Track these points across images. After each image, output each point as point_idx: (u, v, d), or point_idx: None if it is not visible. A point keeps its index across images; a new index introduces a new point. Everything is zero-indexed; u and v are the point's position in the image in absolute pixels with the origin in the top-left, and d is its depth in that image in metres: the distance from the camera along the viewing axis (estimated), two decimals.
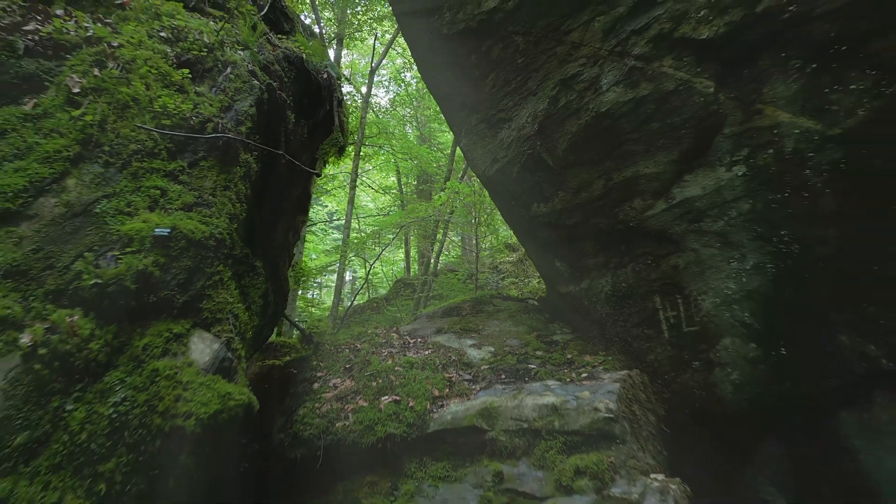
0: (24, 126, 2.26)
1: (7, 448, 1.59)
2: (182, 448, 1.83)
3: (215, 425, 1.89)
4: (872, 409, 2.64)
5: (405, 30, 5.23)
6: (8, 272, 1.87)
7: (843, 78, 2.56)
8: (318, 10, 12.98)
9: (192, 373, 1.95)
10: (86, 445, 1.70)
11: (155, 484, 1.78)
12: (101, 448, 1.72)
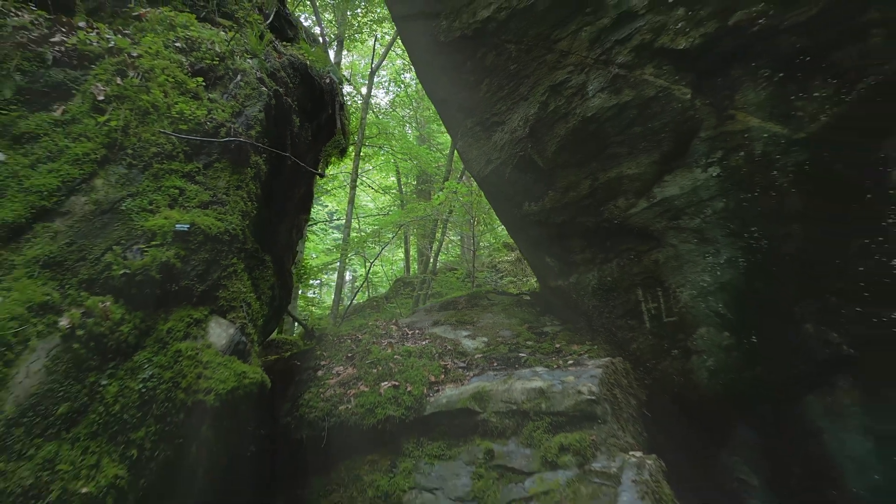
0: (54, 131, 2.48)
1: (51, 416, 1.81)
2: (203, 420, 2.05)
3: (232, 400, 2.11)
4: (835, 392, 2.85)
5: (403, 34, 5.44)
6: (46, 263, 2.09)
7: (808, 86, 2.78)
8: (319, 11, 13.19)
9: (210, 354, 2.16)
10: (119, 416, 1.92)
11: (180, 452, 2.00)
12: (133, 418, 1.93)
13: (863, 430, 2.77)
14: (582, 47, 3.52)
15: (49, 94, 2.61)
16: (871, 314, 2.70)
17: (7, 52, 2.60)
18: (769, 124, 2.89)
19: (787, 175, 2.84)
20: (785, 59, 2.81)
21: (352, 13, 14.02)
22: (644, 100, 3.26)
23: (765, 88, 2.89)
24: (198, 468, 2.07)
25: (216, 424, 2.08)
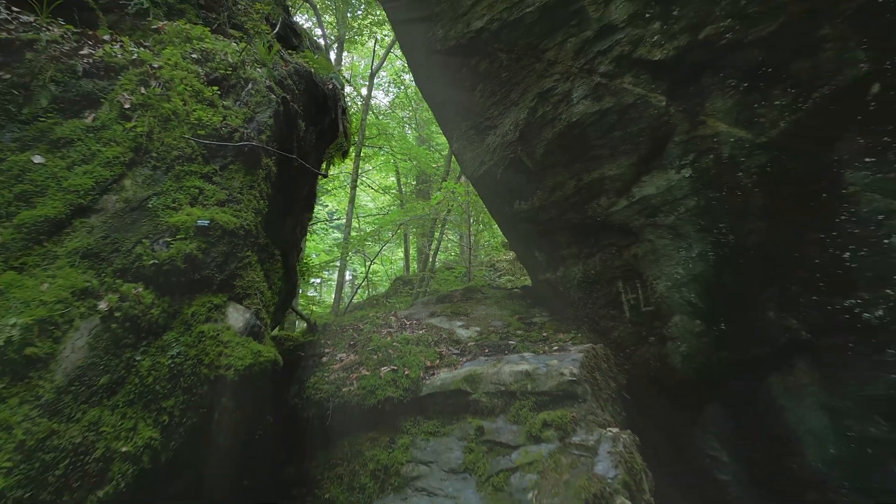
0: (87, 136, 2.75)
1: (94, 386, 2.08)
2: (224, 392, 2.32)
3: (249, 375, 2.38)
4: (795, 373, 3.13)
5: (402, 41, 5.72)
6: (85, 254, 2.36)
7: (769, 95, 3.05)
8: (320, 13, 13.47)
9: (230, 334, 2.44)
10: (152, 387, 2.19)
11: (204, 419, 2.27)
12: (163, 389, 2.21)
13: (819, 407, 3.04)
14: (567, 57, 3.80)
15: (80, 103, 2.88)
16: (825, 302, 2.97)
17: (42, 65, 2.88)
18: (735, 129, 3.16)
19: (751, 176, 3.12)
20: (749, 70, 3.09)
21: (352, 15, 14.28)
22: (623, 106, 3.54)
23: (731, 97, 3.17)
24: (220, 435, 2.35)
25: (236, 396, 2.35)
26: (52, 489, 1.84)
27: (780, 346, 3.14)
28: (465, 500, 2.87)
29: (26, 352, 1.97)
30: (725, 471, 3.44)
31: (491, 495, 2.84)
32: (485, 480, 2.91)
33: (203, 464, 2.33)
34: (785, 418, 3.16)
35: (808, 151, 2.97)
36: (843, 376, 2.95)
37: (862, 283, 2.85)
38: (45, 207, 2.41)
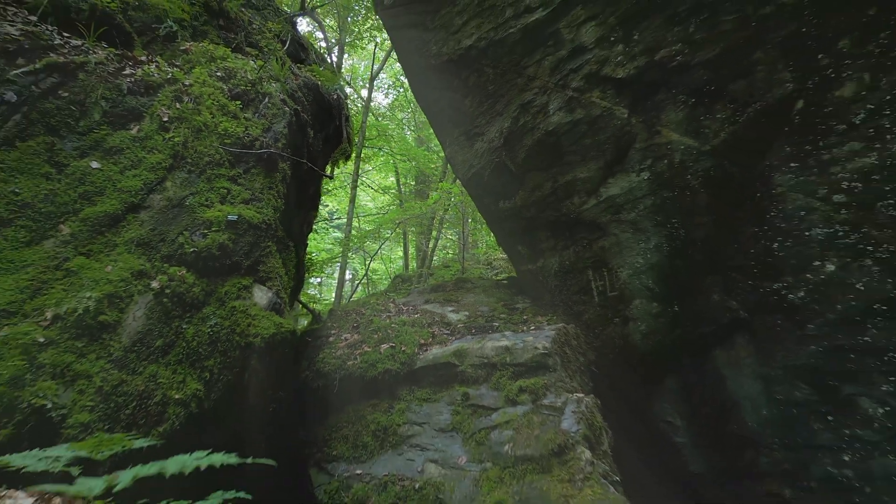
0: (133, 145, 3.26)
1: (152, 347, 2.60)
2: (252, 356, 2.84)
3: (273, 342, 2.90)
4: (735, 347, 3.65)
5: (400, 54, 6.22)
6: (138, 242, 2.88)
7: (712, 109, 3.58)
8: (321, 16, 13.96)
9: (256, 310, 2.95)
10: (196, 349, 2.71)
11: (237, 377, 2.79)
12: (205, 352, 2.72)
13: (755, 376, 3.56)
14: (545, 73, 4.32)
15: (126, 117, 3.39)
16: (758, 286, 3.50)
17: (93, 84, 3.39)
18: (685, 138, 3.68)
19: (698, 178, 3.64)
20: (696, 88, 3.62)
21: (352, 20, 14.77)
22: (592, 117, 4.06)
23: (681, 110, 3.69)
24: (250, 393, 2.86)
25: (262, 359, 2.86)
26: (123, 424, 2.36)
27: (722, 324, 3.67)
28: (452, 453, 3.39)
29: (99, 318, 2.49)
30: (679, 434, 3.96)
31: (474, 448, 3.36)
32: (469, 437, 3.43)
33: (238, 419, 2.84)
34: (727, 387, 3.69)
35: (744, 158, 3.49)
36: (773, 349, 3.47)
37: (787, 270, 3.37)
38: (104, 205, 2.92)
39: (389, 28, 6.16)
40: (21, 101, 3.05)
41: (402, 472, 3.36)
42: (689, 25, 3.59)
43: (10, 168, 2.84)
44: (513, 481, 3.10)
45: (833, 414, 3.24)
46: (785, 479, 3.42)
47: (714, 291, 3.67)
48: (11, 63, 3.18)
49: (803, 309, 3.31)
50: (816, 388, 3.30)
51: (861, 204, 3.13)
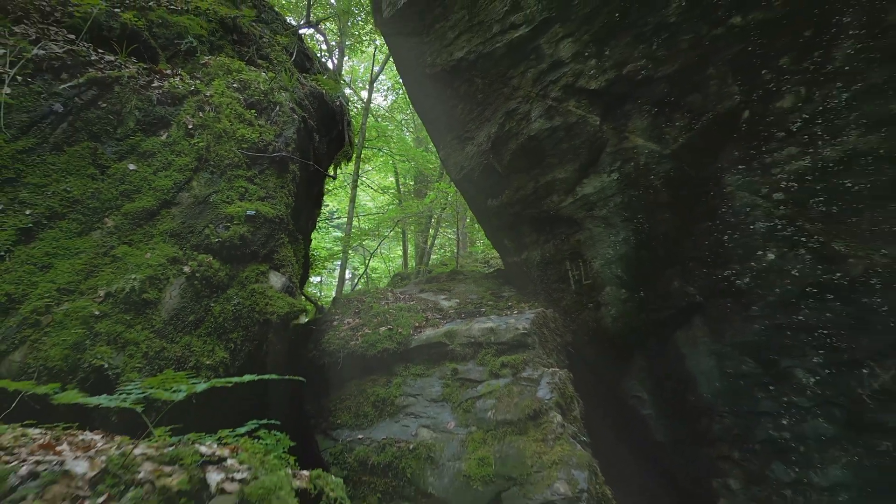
0: (163, 149, 3.73)
1: (186, 321, 3.07)
2: (269, 330, 3.31)
3: (287, 319, 3.37)
4: (692, 328, 4.12)
5: (398, 64, 6.69)
6: (171, 234, 3.35)
7: (672, 118, 4.05)
8: (321, 18, 14.44)
9: (272, 292, 3.43)
10: (222, 324, 3.18)
11: (257, 349, 3.26)
12: (230, 326, 3.20)
13: (709, 353, 4.04)
14: (528, 84, 4.80)
15: (156, 124, 3.86)
16: (711, 273, 3.97)
17: (127, 96, 3.86)
18: (649, 143, 4.16)
19: (660, 179, 4.12)
20: (658, 99, 4.09)
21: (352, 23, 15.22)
22: (569, 124, 4.53)
23: (646, 118, 4.17)
24: (268, 363, 3.33)
25: (278, 334, 3.33)
26: None
27: (681, 308, 4.14)
28: (442, 419, 3.87)
29: (143, 296, 2.97)
30: (646, 407, 4.44)
31: (461, 415, 3.83)
32: (457, 406, 3.91)
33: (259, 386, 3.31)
34: (686, 363, 4.16)
35: (699, 161, 3.97)
36: (723, 329, 3.95)
37: (735, 259, 3.85)
38: (142, 201, 3.39)
39: (388, 39, 6.64)
40: (67, 112, 3.53)
41: (398, 436, 3.84)
42: (652, 43, 4.06)
43: (61, 170, 3.31)
44: (494, 441, 3.58)
45: (773, 384, 3.72)
46: (734, 442, 3.90)
47: (674, 279, 4.15)
48: (57, 78, 3.66)
49: (748, 293, 3.79)
50: (760, 362, 3.78)
51: (796, 201, 3.61)
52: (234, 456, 1.77)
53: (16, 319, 2.72)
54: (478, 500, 3.34)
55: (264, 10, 6.06)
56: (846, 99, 3.45)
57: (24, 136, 3.30)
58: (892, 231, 3.26)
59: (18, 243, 2.96)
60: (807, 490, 3.54)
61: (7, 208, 3.04)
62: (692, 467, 4.19)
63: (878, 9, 3.39)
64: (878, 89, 3.37)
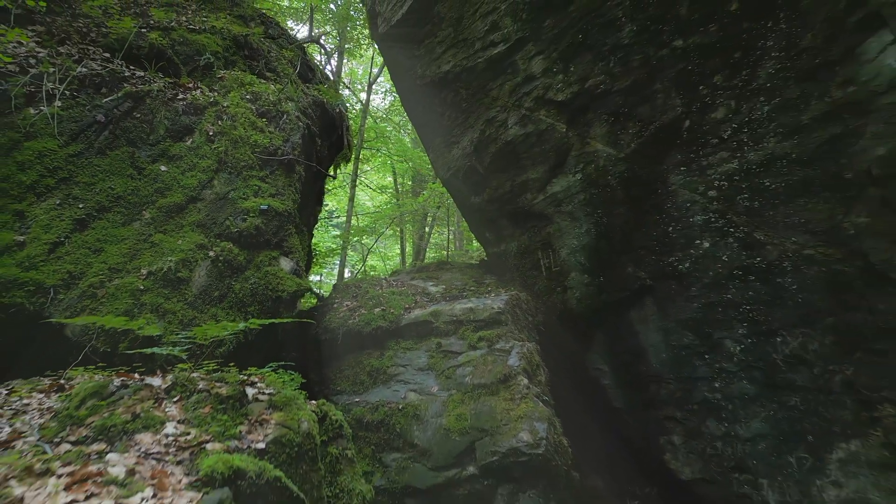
0: (189, 153, 4.37)
1: (212, 297, 3.71)
2: (280, 305, 3.95)
3: (295, 296, 4.01)
4: (644, 308, 4.77)
5: (393, 75, 7.33)
6: (197, 224, 3.99)
7: (625, 126, 4.70)
8: (321, 24, 15.04)
9: (283, 273, 4.07)
10: (241, 299, 3.82)
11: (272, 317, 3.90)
12: (248, 301, 3.83)
13: (657, 329, 4.69)
14: (505, 95, 5.44)
15: (182, 132, 4.50)
16: (659, 260, 4.62)
17: (157, 107, 4.50)
18: (607, 148, 4.81)
19: (616, 178, 4.76)
20: (614, 109, 4.74)
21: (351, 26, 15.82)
22: (540, 131, 5.18)
23: (604, 126, 4.81)
24: (278, 333, 3.97)
25: (287, 308, 3.97)
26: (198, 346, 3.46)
27: (635, 290, 4.79)
28: (427, 385, 4.51)
29: (178, 275, 3.61)
30: (606, 378, 5.08)
31: (443, 381, 4.48)
32: (440, 373, 4.55)
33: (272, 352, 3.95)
34: (639, 338, 4.81)
35: (648, 163, 4.62)
36: (669, 307, 4.60)
37: (678, 247, 4.50)
38: (173, 197, 4.03)
39: (383, 50, 7.28)
40: (108, 121, 4.17)
41: (389, 399, 4.48)
42: (609, 62, 4.71)
43: (105, 170, 3.95)
44: (470, 401, 4.23)
45: (708, 353, 4.37)
46: (677, 404, 4.55)
47: (628, 265, 4.80)
48: (98, 92, 4.30)
49: (688, 276, 4.45)
50: (697, 335, 4.43)
51: (726, 198, 4.25)
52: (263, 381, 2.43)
53: (76, 292, 3.37)
54: (455, 449, 3.99)
55: (271, 25, 6.70)
56: (767, 111, 4.10)
57: (74, 142, 3.94)
58: (800, 222, 3.91)
59: (74, 231, 3.60)
60: (734, 441, 4.19)
61: (63, 202, 3.69)
62: (643, 428, 4.84)
63: (794, 35, 4.04)
64: (792, 103, 4.01)
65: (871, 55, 3.69)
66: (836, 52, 3.81)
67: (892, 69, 3.60)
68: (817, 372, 3.79)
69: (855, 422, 3.61)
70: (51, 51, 4.38)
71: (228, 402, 2.10)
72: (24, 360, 3.12)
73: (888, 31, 3.64)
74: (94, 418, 1.90)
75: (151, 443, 1.79)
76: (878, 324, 3.53)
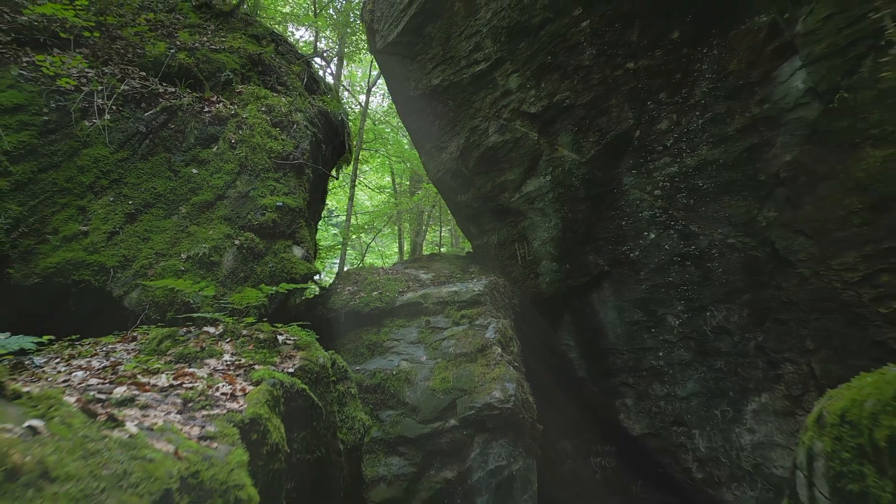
0: (215, 158, 5.16)
1: (238, 277, 4.50)
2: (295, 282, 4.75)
3: (306, 277, 4.80)
4: (603, 291, 5.58)
5: (389, 86, 8.12)
6: (224, 218, 4.78)
7: (587, 135, 5.50)
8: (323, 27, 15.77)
9: (295, 259, 4.87)
10: (262, 279, 4.61)
11: (285, 298, 4.69)
12: (267, 281, 4.63)
13: (613, 308, 5.49)
14: (487, 107, 6.24)
15: (209, 140, 5.29)
16: (615, 249, 5.42)
17: (188, 119, 5.29)
18: (571, 154, 5.61)
19: (579, 179, 5.57)
20: (577, 120, 5.54)
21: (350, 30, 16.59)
22: (516, 138, 5.98)
23: (569, 135, 5.62)
24: (290, 308, 4.76)
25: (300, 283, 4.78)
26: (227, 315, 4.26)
27: (595, 275, 5.60)
28: (417, 355, 5.31)
29: (211, 259, 4.40)
30: (572, 352, 5.89)
31: (431, 352, 5.28)
32: (429, 345, 5.35)
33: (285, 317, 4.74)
34: (599, 317, 5.62)
35: (605, 167, 5.42)
36: (623, 289, 5.41)
37: (630, 237, 5.31)
38: (203, 195, 4.83)
39: (380, 63, 8.07)
40: (148, 132, 4.96)
41: (385, 367, 5.28)
42: (573, 80, 5.51)
43: (147, 173, 4.74)
44: (453, 367, 5.03)
45: (654, 327, 5.17)
46: (629, 372, 5.36)
47: (589, 254, 5.61)
48: (138, 107, 5.09)
49: (638, 262, 5.25)
50: (646, 312, 5.23)
51: (668, 196, 5.06)
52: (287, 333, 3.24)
53: (131, 272, 4.16)
54: (440, 405, 4.79)
55: (280, 43, 7.49)
56: (701, 123, 4.91)
57: (122, 149, 4.74)
58: (725, 216, 4.72)
59: (126, 223, 4.39)
60: (673, 400, 5.00)
61: (116, 199, 4.48)
62: (603, 393, 5.64)
63: (723, 60, 4.85)
64: (720, 117, 4.82)
65: (783, 78, 4.51)
66: (755, 75, 4.63)
67: (799, 90, 4.41)
68: (737, 339, 4.60)
69: (764, 378, 4.42)
70: (97, 71, 5.17)
71: (265, 343, 2.90)
72: (95, 327, 3.91)
73: (798, 59, 4.45)
74: (173, 350, 2.70)
75: (217, 364, 2.59)
76: (781, 298, 4.34)
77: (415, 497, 4.52)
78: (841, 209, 3.97)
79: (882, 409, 1.98)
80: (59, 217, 4.16)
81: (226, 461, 1.51)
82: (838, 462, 2.16)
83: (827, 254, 4.01)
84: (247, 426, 1.82)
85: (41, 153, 4.33)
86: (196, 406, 1.92)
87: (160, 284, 3.34)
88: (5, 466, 1.04)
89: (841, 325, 3.94)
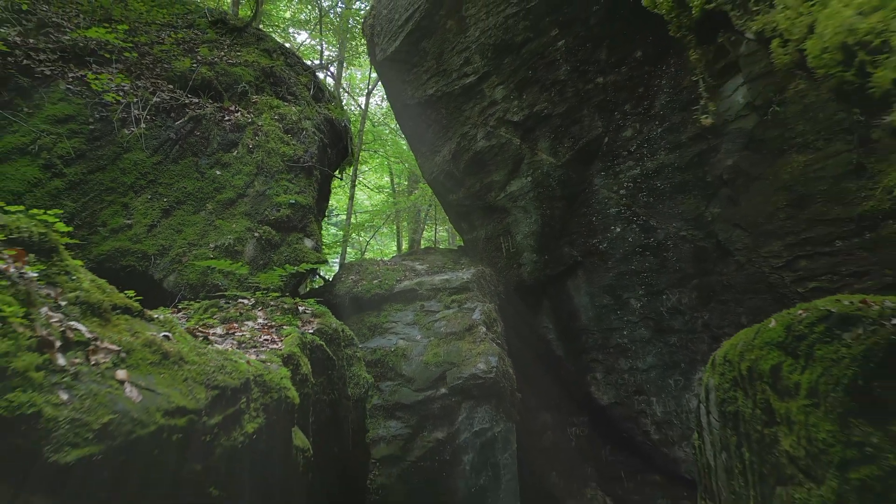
0: (235, 161, 5.89)
1: (258, 264, 5.23)
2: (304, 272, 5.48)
3: (317, 262, 5.54)
4: (577, 279, 6.32)
5: (388, 94, 8.85)
6: (244, 213, 5.51)
7: (563, 141, 6.24)
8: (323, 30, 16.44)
9: (307, 249, 5.60)
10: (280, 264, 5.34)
11: (298, 283, 5.42)
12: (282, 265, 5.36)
13: (586, 293, 6.23)
14: (475, 115, 6.98)
15: (229, 145, 6.02)
16: (586, 241, 6.16)
17: (210, 127, 6.01)
18: (549, 157, 6.35)
19: (556, 180, 6.31)
20: (555, 128, 6.28)
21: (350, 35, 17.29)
22: (501, 143, 6.71)
23: (548, 140, 6.35)
24: (301, 296, 5.48)
25: (311, 273, 5.49)
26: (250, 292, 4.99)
27: (570, 265, 6.34)
28: (413, 335, 6.05)
29: (235, 248, 5.13)
30: (551, 333, 6.63)
31: (425, 332, 6.01)
32: (423, 326, 6.09)
33: None
34: (574, 302, 6.36)
35: (578, 169, 6.16)
36: (594, 277, 6.15)
37: (599, 231, 6.05)
38: (226, 194, 5.55)
39: (380, 73, 8.80)
40: (178, 138, 5.68)
41: (384, 345, 6.01)
42: (551, 92, 6.25)
43: (179, 174, 5.47)
44: (444, 344, 5.76)
45: (620, 310, 5.91)
46: (599, 350, 6.10)
47: (565, 246, 6.35)
48: (168, 116, 5.82)
49: (606, 253, 5.99)
50: (613, 296, 5.97)
51: (631, 195, 5.80)
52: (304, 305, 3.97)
53: (167, 259, 4.88)
54: (432, 376, 5.53)
55: (289, 56, 8.21)
56: (660, 132, 5.65)
57: (155, 154, 5.46)
58: (678, 212, 5.46)
59: (162, 218, 5.12)
60: (636, 372, 5.75)
61: (153, 197, 5.21)
62: (577, 370, 6.39)
63: (679, 77, 5.59)
64: (676, 126, 5.56)
65: (727, 93, 5.25)
66: (705, 90, 5.37)
67: (740, 104, 5.16)
68: (687, 318, 5.35)
69: (708, 351, 5.16)
70: (132, 84, 5.89)
71: (289, 311, 3.63)
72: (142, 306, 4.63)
73: (741, 76, 5.19)
74: (218, 314, 3.43)
75: (254, 325, 3.32)
76: (723, 282, 5.08)
77: (410, 454, 5.25)
78: (769, 206, 4.71)
79: (745, 348, 2.72)
80: (107, 212, 4.89)
81: (279, 372, 2.24)
82: (722, 392, 2.90)
83: (758, 243, 4.75)
84: (286, 358, 2.56)
85: (89, 157, 5.05)
86: (248, 346, 2.65)
87: (204, 264, 4.06)
88: (162, 351, 1.77)
89: (769, 303, 4.68)
